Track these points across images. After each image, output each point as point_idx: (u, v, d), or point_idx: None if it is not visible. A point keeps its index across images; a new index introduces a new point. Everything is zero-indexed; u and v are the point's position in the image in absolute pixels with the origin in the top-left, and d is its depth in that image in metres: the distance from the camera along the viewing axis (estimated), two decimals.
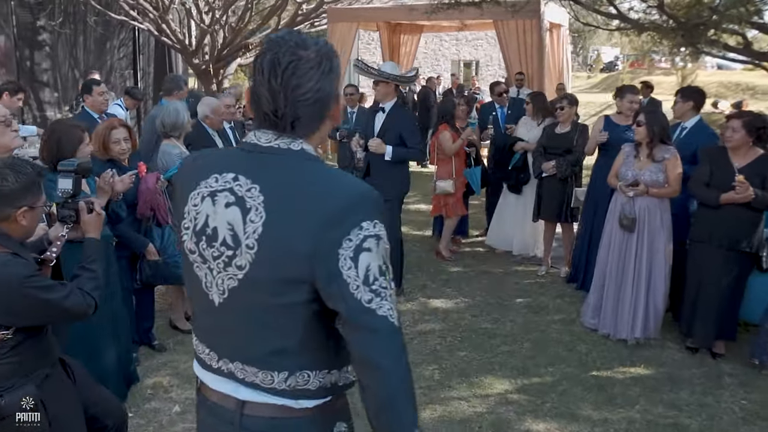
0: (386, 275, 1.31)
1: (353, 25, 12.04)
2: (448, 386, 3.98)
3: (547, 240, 6.16)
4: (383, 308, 1.29)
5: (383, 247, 1.31)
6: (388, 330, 1.30)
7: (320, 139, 1.47)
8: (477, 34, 24.35)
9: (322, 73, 1.36)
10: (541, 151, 5.79)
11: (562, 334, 4.77)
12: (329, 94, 1.39)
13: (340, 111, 1.47)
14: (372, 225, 1.30)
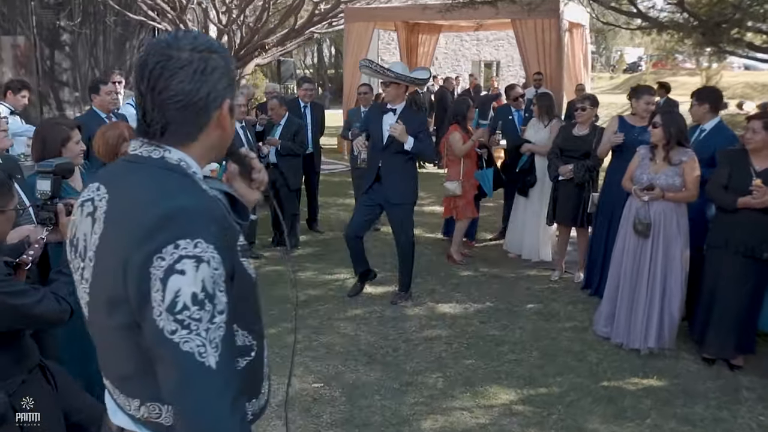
0: (203, 306, 1.12)
1: (370, 24, 11.96)
2: (451, 396, 3.85)
3: (561, 244, 6.00)
4: (190, 343, 1.10)
5: (207, 273, 1.12)
6: (192, 369, 1.11)
7: (207, 149, 1.33)
8: (498, 34, 24.13)
9: (194, 73, 1.23)
10: (557, 153, 5.63)
11: (573, 342, 4.61)
12: (205, 97, 1.26)
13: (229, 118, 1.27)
14: (192, 245, 1.12)
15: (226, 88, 1.30)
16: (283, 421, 3.54)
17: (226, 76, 1.29)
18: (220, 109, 1.29)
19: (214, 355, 1.12)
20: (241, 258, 1.27)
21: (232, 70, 1.33)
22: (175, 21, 12.11)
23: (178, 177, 1.25)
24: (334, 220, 8.33)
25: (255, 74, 18.41)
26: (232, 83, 1.34)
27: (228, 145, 1.41)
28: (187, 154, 1.29)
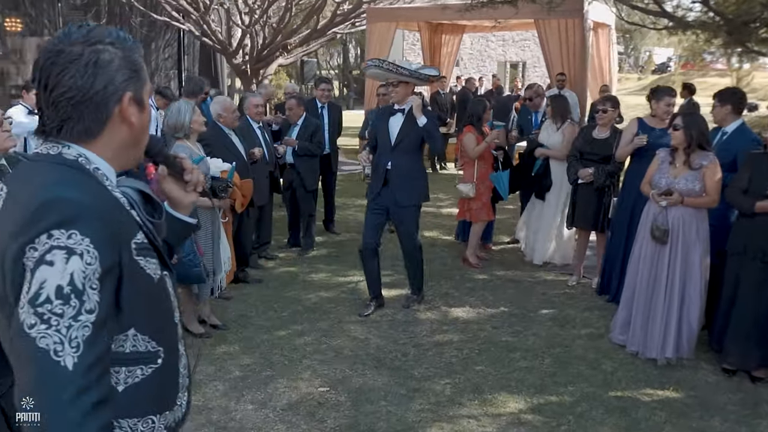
0: (68, 300, 1.05)
1: (392, 24, 11.90)
2: (459, 403, 3.77)
3: (580, 249, 5.87)
4: (47, 339, 1.03)
5: (78, 267, 1.06)
6: (46, 368, 1.04)
7: (117, 146, 1.28)
8: (524, 34, 23.92)
9: (85, 66, 1.18)
10: (577, 156, 5.51)
11: (587, 350, 4.49)
12: (101, 91, 1.20)
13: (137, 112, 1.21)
14: (66, 235, 1.06)
15: (127, 80, 1.24)
16: (287, 424, 3.50)
17: (125, 68, 1.24)
18: (120, 103, 1.24)
19: (72, 356, 1.04)
20: (136, 256, 1.20)
21: (134, 61, 1.26)
22: (198, 22, 12.19)
23: (72, 171, 1.19)
24: (351, 221, 8.28)
25: (278, 75, 18.48)
26: (136, 75, 1.27)
27: (144, 141, 1.35)
28: (89, 151, 1.24)
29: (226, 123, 5.33)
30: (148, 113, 1.33)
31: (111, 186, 1.24)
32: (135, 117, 1.27)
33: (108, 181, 1.24)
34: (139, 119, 1.29)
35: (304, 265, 6.44)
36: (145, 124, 1.32)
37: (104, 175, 1.24)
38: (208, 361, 4.24)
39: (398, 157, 4.90)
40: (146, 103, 1.32)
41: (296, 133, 6.58)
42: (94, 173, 1.21)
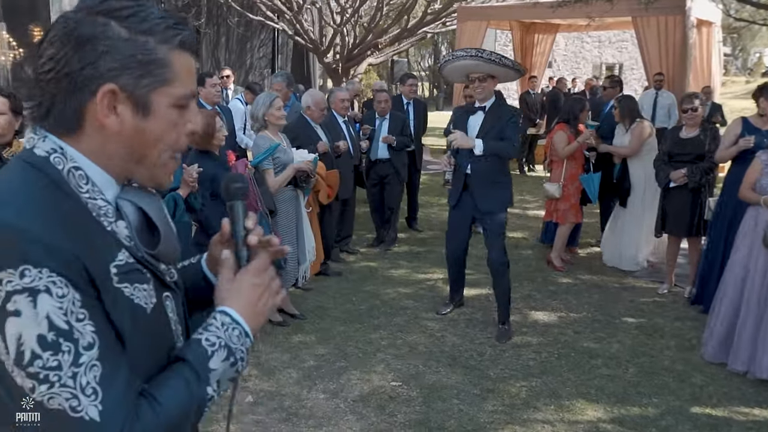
0: (59, 348, 0.85)
1: (483, 24, 11.74)
2: (534, 407, 3.64)
3: (671, 256, 5.56)
4: (56, 399, 0.85)
5: (50, 305, 0.85)
6: (66, 428, 0.86)
7: (101, 148, 0.99)
8: (621, 35, 23.04)
9: (67, 36, 0.94)
10: (665, 159, 5.22)
11: (676, 362, 4.24)
12: (76, 72, 0.94)
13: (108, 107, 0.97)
14: (17, 275, 0.84)
15: (118, 69, 0.95)
16: (357, 416, 3.50)
17: (124, 53, 0.95)
18: (93, 96, 0.95)
19: (95, 405, 0.86)
20: (117, 283, 0.94)
21: (148, 50, 0.97)
22: (292, 21, 12.49)
23: (28, 175, 0.94)
24: (434, 219, 8.24)
25: (368, 74, 18.67)
26: (142, 69, 0.97)
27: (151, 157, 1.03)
28: (74, 149, 0.98)
29: (311, 116, 5.42)
30: (164, 123, 1.01)
31: (91, 193, 0.97)
32: (121, 120, 0.97)
33: (88, 185, 0.97)
34: (132, 126, 0.98)
35: (384, 260, 6.44)
36: (147, 136, 1.00)
37: (84, 176, 0.97)
38: (284, 349, 4.31)
39: (479, 161, 4.46)
40: (159, 109, 1.00)
41: (387, 128, 6.58)
42: (65, 176, 0.95)
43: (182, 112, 1.03)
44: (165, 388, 0.96)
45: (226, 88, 8.37)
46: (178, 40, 1.00)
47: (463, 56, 4.33)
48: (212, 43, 14.00)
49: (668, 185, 5.22)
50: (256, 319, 1.08)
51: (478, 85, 4.45)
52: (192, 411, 0.98)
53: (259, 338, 4.47)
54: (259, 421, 3.44)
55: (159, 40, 0.98)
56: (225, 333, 1.03)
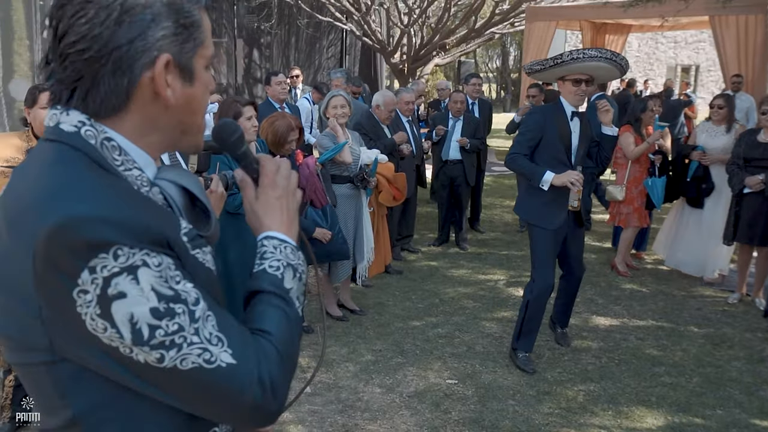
0: (173, 313, 0.85)
1: (551, 24, 11.55)
2: (591, 411, 3.60)
3: (743, 264, 5.35)
4: (189, 358, 0.86)
5: (151, 276, 0.84)
6: (212, 382, 0.87)
7: (148, 126, 0.95)
8: (698, 35, 22.22)
9: (107, 8, 0.86)
10: (740, 164, 5.03)
11: (744, 373, 4.09)
12: (125, 47, 0.88)
13: (179, 84, 0.94)
14: (112, 258, 0.81)
15: (168, 37, 0.90)
16: (412, 411, 3.55)
17: (168, 18, 0.90)
18: (152, 68, 0.90)
19: (225, 350, 0.88)
20: (191, 251, 0.93)
21: (186, 11, 0.93)
22: (360, 22, 12.64)
23: (66, 157, 0.88)
24: (497, 221, 8.21)
25: (435, 74, 18.67)
26: (185, 32, 0.93)
27: (196, 125, 1.01)
28: (113, 129, 0.92)
29: (379, 115, 5.52)
30: (203, 87, 0.99)
31: (125, 164, 0.92)
32: (173, 91, 0.93)
33: (122, 156, 0.92)
34: (182, 95, 0.94)
35: (445, 260, 6.46)
36: (194, 103, 0.98)
37: (117, 147, 0.92)
38: (342, 343, 4.41)
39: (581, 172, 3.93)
40: (199, 73, 0.97)
41: (460, 129, 6.60)
42: (100, 151, 0.90)
43: (209, 72, 1.01)
44: (266, 319, 0.97)
45: (295, 87, 8.58)
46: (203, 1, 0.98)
47: (597, 57, 3.68)
48: (283, 43, 14.33)
49: (742, 191, 5.04)
50: (293, 227, 1.10)
51: (586, 89, 3.86)
52: (297, 332, 1.00)
53: (319, 332, 4.58)
54: (316, 411, 3.53)
55: (194, 3, 0.95)
56: (282, 254, 1.04)
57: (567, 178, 3.72)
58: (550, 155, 3.89)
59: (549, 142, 3.89)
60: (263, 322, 0.97)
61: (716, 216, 5.55)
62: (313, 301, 5.05)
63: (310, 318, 4.75)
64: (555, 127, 3.89)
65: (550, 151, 3.89)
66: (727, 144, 5.44)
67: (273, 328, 0.96)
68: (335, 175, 4.58)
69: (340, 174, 4.59)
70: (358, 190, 4.69)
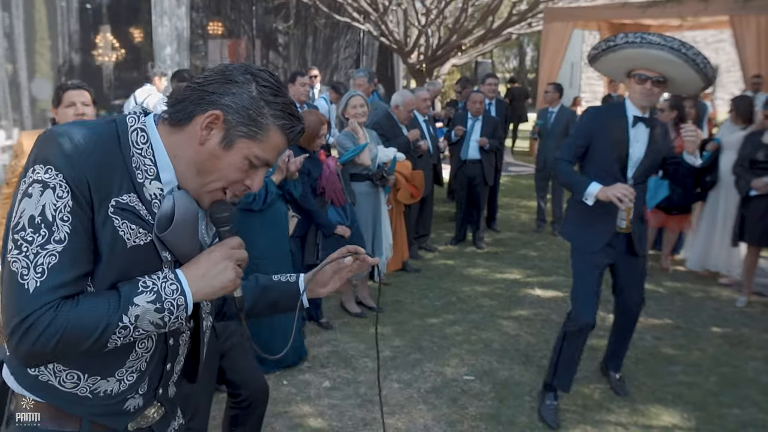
0: (38, 229, 1.11)
1: (569, 24, 11.55)
2: (607, 408, 3.63)
3: (749, 266, 5.33)
4: (17, 264, 1.10)
5: (49, 199, 1.12)
6: (13, 289, 1.11)
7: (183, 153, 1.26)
8: (718, 35, 22.03)
9: (223, 72, 1.27)
10: (746, 166, 5.03)
11: (761, 374, 4.10)
12: (206, 90, 1.26)
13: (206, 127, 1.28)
14: (44, 170, 1.12)
15: (229, 107, 1.22)
16: (429, 406, 3.60)
17: (241, 101, 1.23)
18: (204, 113, 1.22)
19: (36, 280, 1.10)
20: (111, 213, 1.16)
21: (258, 111, 1.23)
22: (377, 22, 12.69)
23: (103, 126, 1.22)
24: (513, 221, 8.24)
25: (452, 75, 18.68)
26: (247, 120, 1.23)
27: (208, 174, 1.26)
28: (163, 132, 1.27)
29: (398, 115, 5.58)
30: (231, 162, 1.25)
31: (143, 151, 1.23)
32: (207, 138, 1.23)
33: (146, 145, 1.24)
34: (212, 148, 1.24)
35: (462, 258, 6.51)
36: (216, 162, 1.25)
37: (146, 138, 1.25)
38: (361, 339, 4.47)
39: (637, 191, 3.25)
40: (236, 151, 1.24)
41: (480, 129, 6.64)
42: (129, 131, 1.23)
43: (250, 168, 1.27)
44: (91, 299, 1.14)
45: (313, 87, 8.66)
46: (282, 123, 1.26)
47: (659, 44, 3.00)
48: (300, 43, 14.42)
49: (749, 192, 5.04)
50: (202, 288, 1.23)
51: (652, 89, 3.20)
52: (99, 327, 1.12)
53: (338, 328, 4.65)
54: (335, 405, 3.60)
55: (272, 113, 1.24)
56: (162, 283, 1.20)
57: (614, 192, 3.12)
58: (599, 165, 3.33)
59: (598, 149, 3.33)
60: (88, 299, 1.15)
61: (728, 213, 5.57)
62: (331, 298, 5.12)
63: (328, 315, 4.82)
64: (607, 132, 3.30)
65: (599, 160, 3.34)
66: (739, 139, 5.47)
67: (84, 306, 1.13)
68: (355, 173, 4.64)
69: (359, 172, 4.65)
70: (376, 188, 4.75)
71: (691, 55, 2.98)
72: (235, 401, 2.66)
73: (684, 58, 2.98)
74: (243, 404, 2.65)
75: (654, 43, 2.98)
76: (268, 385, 2.75)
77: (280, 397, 3.63)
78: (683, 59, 2.98)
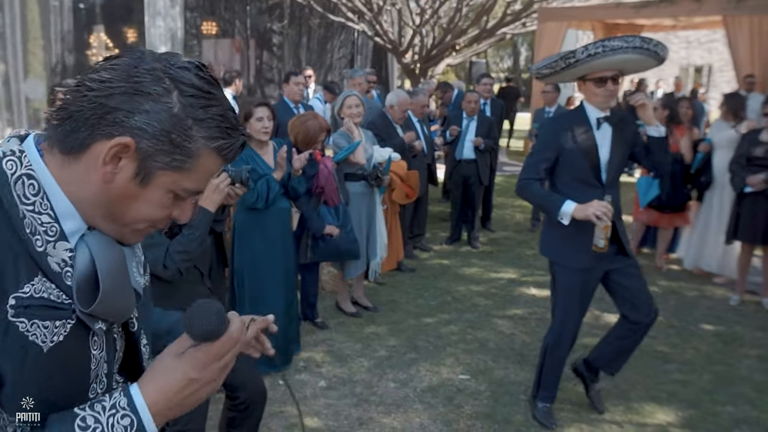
0: None
1: (563, 24, 11.58)
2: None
3: (743, 265, 5.35)
4: None
5: None
6: None
7: (78, 177, 0.92)
8: (711, 35, 22.13)
9: (129, 75, 0.91)
10: (742, 163, 5.05)
11: (755, 372, 4.12)
12: (105, 107, 0.90)
13: (111, 159, 0.90)
14: None
15: (143, 132, 0.89)
16: (425, 405, 3.61)
17: (159, 123, 0.89)
18: (107, 140, 0.88)
19: None
20: (12, 317, 0.85)
21: (183, 134, 0.90)
22: (371, 22, 12.69)
23: None
24: (508, 220, 8.25)
25: (446, 74, 18.71)
26: (168, 147, 0.90)
27: (123, 220, 0.95)
28: (52, 166, 0.92)
29: (393, 115, 5.58)
30: (150, 202, 0.95)
31: (37, 207, 0.89)
32: (114, 174, 0.91)
33: (37, 197, 0.90)
34: (123, 186, 0.92)
35: (457, 258, 6.52)
36: (131, 203, 0.94)
37: (36, 187, 0.90)
38: (356, 339, 4.47)
39: (614, 192, 3.18)
40: (155, 188, 0.93)
41: (474, 129, 6.65)
42: (10, 182, 0.89)
43: (177, 201, 0.97)
44: None
45: (307, 87, 8.66)
46: (218, 144, 0.94)
47: (622, 48, 2.89)
48: (294, 43, 14.41)
49: (743, 190, 5.06)
50: (170, 411, 0.93)
51: (614, 87, 3.07)
52: None
53: (333, 328, 4.65)
54: (331, 405, 3.60)
55: (203, 133, 0.92)
56: (109, 419, 0.89)
57: (591, 210, 2.90)
58: (573, 176, 3.15)
59: (568, 160, 3.15)
60: None
61: (723, 213, 5.59)
62: (327, 298, 5.13)
63: (324, 314, 4.82)
64: (574, 140, 3.12)
65: (572, 171, 3.15)
66: (732, 137, 5.49)
67: None
68: (350, 173, 4.64)
69: (354, 172, 4.66)
70: (371, 188, 4.76)
71: (653, 48, 2.92)
72: (233, 404, 2.66)
73: (647, 53, 2.92)
74: (241, 407, 2.64)
75: (617, 49, 2.89)
76: (266, 388, 2.75)
77: (275, 397, 3.63)
78: (647, 54, 2.93)
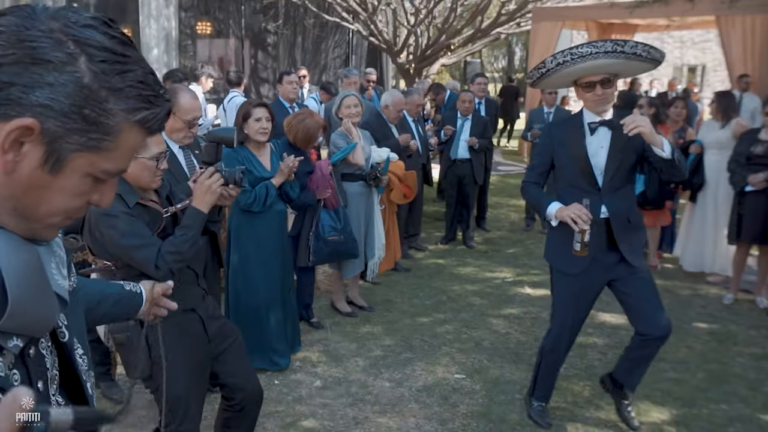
0: None
1: (558, 24, 11.61)
2: (597, 405, 3.66)
3: (738, 263, 5.37)
4: None
5: None
6: None
7: None
8: (704, 35, 22.21)
9: (20, 40, 0.74)
10: (741, 162, 5.07)
11: (748, 370, 4.15)
12: (9, 87, 0.74)
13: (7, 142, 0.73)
14: None
15: (47, 109, 0.74)
16: (421, 404, 3.61)
17: (67, 98, 0.75)
18: (3, 122, 0.74)
19: None
20: None
21: (98, 108, 0.77)
22: (366, 22, 12.70)
23: None
24: (503, 220, 8.27)
25: (441, 74, 18.73)
26: (81, 124, 0.76)
27: (36, 215, 0.81)
28: None
29: (388, 115, 5.59)
30: (64, 191, 0.80)
31: None
32: (12, 157, 0.75)
33: None
34: (31, 175, 0.77)
35: (452, 258, 6.53)
36: (41, 193, 0.79)
37: None
38: (352, 339, 4.47)
39: (615, 198, 3.08)
40: (70, 174, 0.79)
41: (469, 129, 6.67)
42: None
43: (97, 184, 0.83)
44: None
45: (302, 87, 8.66)
46: (141, 116, 0.81)
47: (592, 54, 2.81)
48: (289, 43, 14.41)
49: (744, 189, 5.08)
50: None
51: (603, 92, 2.97)
52: None
53: (328, 328, 4.65)
54: (326, 404, 3.60)
55: (121, 105, 0.78)
56: None
57: (566, 213, 2.92)
58: (566, 181, 3.17)
59: (561, 165, 3.17)
60: None
61: (718, 213, 5.61)
62: (322, 298, 5.13)
63: (319, 314, 4.82)
64: (565, 146, 3.11)
65: (565, 175, 3.17)
66: (721, 137, 5.50)
67: None
68: (348, 173, 4.63)
69: (352, 172, 4.65)
70: (369, 188, 4.76)
71: (629, 50, 2.82)
72: (229, 404, 2.64)
73: (623, 56, 2.83)
74: (236, 408, 2.63)
75: (586, 55, 2.81)
76: (262, 389, 2.74)
77: (271, 397, 3.63)
78: (623, 57, 2.83)
